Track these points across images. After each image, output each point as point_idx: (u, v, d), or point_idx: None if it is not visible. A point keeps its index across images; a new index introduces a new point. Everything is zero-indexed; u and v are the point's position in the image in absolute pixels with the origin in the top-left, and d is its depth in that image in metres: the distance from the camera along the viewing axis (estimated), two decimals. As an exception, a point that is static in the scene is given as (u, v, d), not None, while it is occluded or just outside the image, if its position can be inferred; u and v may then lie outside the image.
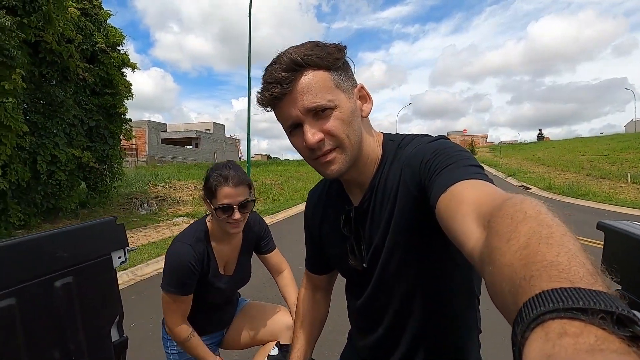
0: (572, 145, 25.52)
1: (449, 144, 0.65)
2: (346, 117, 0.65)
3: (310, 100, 0.62)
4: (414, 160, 0.65)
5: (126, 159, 15.37)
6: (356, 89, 0.69)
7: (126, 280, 4.68)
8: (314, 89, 0.62)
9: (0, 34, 5.75)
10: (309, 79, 0.62)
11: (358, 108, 0.68)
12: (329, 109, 0.63)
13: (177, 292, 1.22)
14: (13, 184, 7.08)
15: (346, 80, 0.66)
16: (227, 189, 1.19)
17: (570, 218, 7.95)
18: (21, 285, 0.90)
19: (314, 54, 0.62)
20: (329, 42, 0.67)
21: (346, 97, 0.65)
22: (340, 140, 0.65)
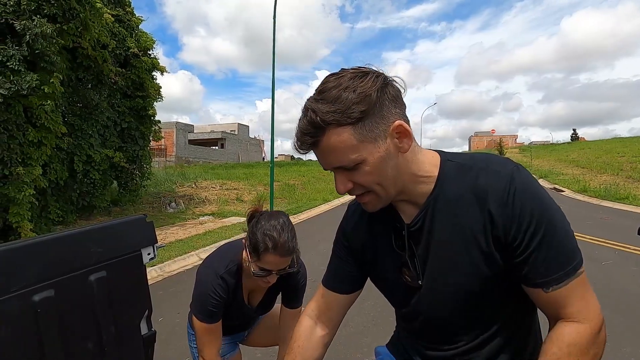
0: (609, 145, 24.14)
1: (550, 207, 0.64)
2: (374, 168, 0.64)
3: (333, 160, 0.64)
4: (501, 207, 0.63)
5: (155, 159, 15.92)
6: (392, 128, 0.63)
7: (154, 276, 4.84)
8: (336, 151, 0.62)
9: (42, 41, 6.11)
10: (331, 141, 0.61)
11: (394, 148, 0.65)
12: (355, 164, 0.63)
13: (207, 321, 1.24)
14: (52, 183, 7.50)
15: (377, 126, 0.62)
16: (273, 258, 1.12)
17: (608, 223, 7.44)
18: (59, 278, 0.94)
19: (336, 111, 0.59)
20: (368, 75, 0.62)
21: (375, 146, 0.62)
22: (371, 189, 0.67)
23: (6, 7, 5.94)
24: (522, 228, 0.62)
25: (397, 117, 0.64)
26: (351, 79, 0.61)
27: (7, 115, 5.98)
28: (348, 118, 0.60)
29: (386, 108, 0.63)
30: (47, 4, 6.24)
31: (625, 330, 2.99)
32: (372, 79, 0.62)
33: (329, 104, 0.60)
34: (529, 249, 0.62)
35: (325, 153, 0.64)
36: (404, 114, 0.66)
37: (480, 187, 0.65)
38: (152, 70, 10.42)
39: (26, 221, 6.19)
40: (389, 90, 0.63)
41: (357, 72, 0.63)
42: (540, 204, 0.63)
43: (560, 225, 0.63)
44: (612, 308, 3.40)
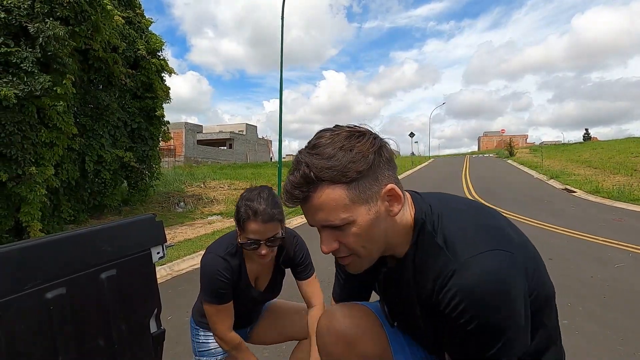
0: (623, 145, 23.64)
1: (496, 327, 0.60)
2: (363, 230, 0.63)
3: (322, 218, 0.62)
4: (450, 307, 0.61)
5: (164, 159, 16.09)
6: (384, 191, 0.63)
7: (164, 275, 4.89)
8: (327, 209, 0.61)
9: (54, 43, 6.22)
10: (322, 198, 0.60)
11: (385, 211, 0.64)
12: (345, 224, 0.62)
13: (217, 303, 1.25)
14: (64, 183, 7.63)
15: (370, 187, 0.61)
16: (255, 225, 1.15)
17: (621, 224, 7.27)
18: (71, 276, 0.96)
19: (332, 168, 0.58)
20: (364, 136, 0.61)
21: (366, 208, 0.62)
22: (356, 251, 0.66)
23: (20, 10, 6.07)
24: (452, 317, 0.61)
25: (390, 180, 0.63)
26: (347, 138, 0.60)
27: (21, 116, 6.11)
28: (343, 177, 0.58)
29: (380, 170, 0.62)
30: (60, 6, 6.35)
31: (639, 334, 2.92)
32: (369, 140, 0.61)
33: (325, 160, 0.58)
34: (460, 343, 0.63)
35: (314, 209, 0.62)
36: (396, 177, 0.65)
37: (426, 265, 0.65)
38: (161, 72, 10.54)
39: (36, 221, 6.30)
40: (384, 152, 0.63)
41: (353, 131, 0.61)
42: (480, 309, 0.59)
43: (497, 337, 0.60)
44: (625, 311, 3.33)
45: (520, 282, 0.62)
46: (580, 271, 4.53)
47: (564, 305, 3.51)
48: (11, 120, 5.94)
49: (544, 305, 0.70)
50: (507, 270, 0.60)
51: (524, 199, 11.30)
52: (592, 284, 4.07)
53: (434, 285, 0.63)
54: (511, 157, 29.15)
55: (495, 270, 0.59)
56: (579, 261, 4.94)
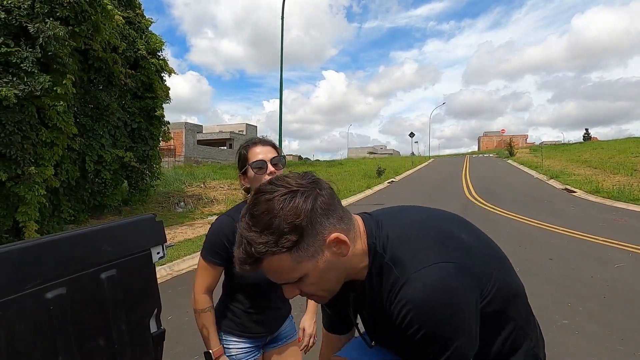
0: (623, 145, 23.62)
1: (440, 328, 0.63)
2: (317, 280, 0.67)
3: (277, 279, 0.67)
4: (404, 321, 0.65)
5: (164, 159, 16.09)
6: (328, 242, 0.64)
7: (164, 275, 4.89)
8: (276, 273, 0.65)
9: (54, 43, 6.22)
10: (269, 266, 0.64)
11: (334, 257, 0.66)
12: (299, 279, 0.66)
13: (208, 259, 1.29)
14: (64, 183, 7.64)
15: (313, 244, 0.63)
16: (257, 148, 1.29)
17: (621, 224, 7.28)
18: (71, 276, 0.96)
19: (269, 242, 0.60)
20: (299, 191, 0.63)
21: (314, 262, 0.65)
22: (316, 294, 0.71)
23: (20, 10, 6.07)
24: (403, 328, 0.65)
25: (332, 229, 0.65)
26: (281, 202, 0.61)
27: (21, 115, 6.11)
28: (282, 248, 0.61)
29: (319, 224, 0.63)
30: (60, 7, 6.36)
31: (639, 334, 2.92)
32: (302, 200, 0.62)
33: (261, 234, 0.61)
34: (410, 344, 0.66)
35: (268, 273, 0.66)
36: (339, 216, 0.67)
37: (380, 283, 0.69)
38: (161, 72, 10.55)
39: (32, 222, 6.29)
40: (319, 204, 0.63)
41: (287, 191, 0.62)
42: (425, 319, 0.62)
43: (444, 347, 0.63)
44: (625, 311, 3.33)
45: (468, 290, 0.65)
46: (580, 271, 4.53)
47: (564, 305, 3.51)
48: (11, 120, 5.94)
49: (509, 302, 0.73)
50: (454, 281, 0.64)
51: (524, 199, 11.30)
52: (592, 284, 4.07)
53: (387, 301, 0.68)
54: (511, 157, 29.15)
55: (441, 282, 0.63)
56: (579, 261, 4.94)
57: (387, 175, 19.76)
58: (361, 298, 0.78)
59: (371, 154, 55.83)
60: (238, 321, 1.38)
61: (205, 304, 1.32)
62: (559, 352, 2.66)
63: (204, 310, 1.32)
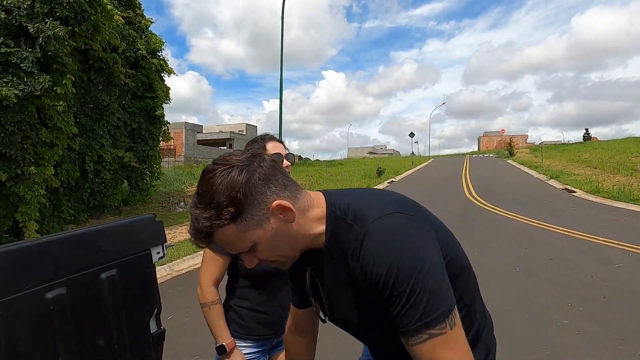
0: (623, 145, 23.62)
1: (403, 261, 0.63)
2: (268, 247, 0.70)
3: (232, 249, 0.70)
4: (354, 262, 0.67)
5: (164, 159, 16.09)
6: (272, 208, 0.67)
7: (164, 275, 4.89)
8: (228, 244, 0.68)
9: (54, 43, 6.22)
10: (220, 238, 0.67)
11: (281, 223, 0.69)
12: (251, 247, 0.69)
13: (215, 247, 1.25)
14: (64, 183, 7.64)
15: (256, 213, 0.66)
16: (272, 142, 1.36)
17: (621, 224, 7.28)
18: (71, 276, 0.96)
19: (212, 217, 0.64)
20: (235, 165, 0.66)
21: (261, 230, 0.68)
22: (273, 260, 0.74)
23: (20, 10, 6.07)
24: (376, 286, 0.65)
25: (274, 196, 0.68)
26: (219, 178, 0.65)
27: (21, 115, 6.11)
28: (224, 220, 0.64)
29: (259, 194, 0.66)
30: (60, 6, 6.35)
31: (639, 334, 2.93)
32: (236, 173, 0.65)
33: (205, 210, 0.65)
34: (387, 303, 0.64)
35: (223, 244, 0.69)
36: (282, 184, 0.70)
37: (344, 245, 0.70)
38: (161, 72, 10.55)
39: (32, 221, 6.29)
40: (258, 175, 0.67)
41: (225, 167, 0.66)
42: (386, 263, 0.63)
43: (412, 282, 0.62)
44: (625, 311, 3.33)
45: (427, 235, 0.68)
46: (580, 271, 4.52)
47: (564, 305, 3.51)
48: (11, 120, 5.94)
49: (458, 275, 0.75)
50: (413, 225, 0.67)
51: (524, 199, 11.29)
52: (592, 284, 4.07)
53: (352, 259, 0.69)
54: (511, 157, 29.15)
55: (401, 225, 0.66)
56: (579, 261, 4.94)
57: (387, 175, 19.76)
58: (321, 269, 0.79)
59: (371, 154, 55.83)
60: (242, 323, 1.37)
61: (213, 296, 1.30)
62: (559, 352, 2.66)
63: (213, 302, 1.29)
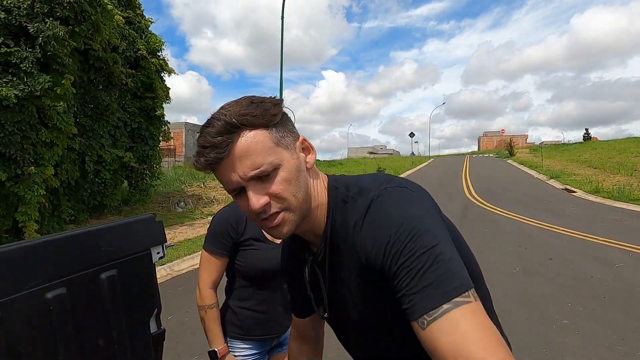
0: (623, 145, 23.63)
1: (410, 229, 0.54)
2: (292, 175, 0.61)
3: (250, 165, 0.58)
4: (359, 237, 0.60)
5: (164, 159, 16.09)
6: (298, 142, 0.64)
7: (164, 275, 4.89)
8: (254, 152, 0.58)
9: (54, 43, 6.22)
10: (247, 141, 0.57)
11: (302, 161, 0.64)
12: (273, 170, 0.59)
13: (212, 249, 1.28)
14: (64, 183, 7.63)
15: (287, 136, 0.62)
16: None
17: (621, 224, 7.30)
18: (71, 276, 0.96)
19: (249, 113, 0.57)
20: (265, 97, 0.63)
21: (289, 153, 0.61)
22: (288, 202, 0.61)
23: (20, 10, 6.07)
24: (379, 256, 0.55)
25: (299, 135, 0.66)
26: (252, 98, 0.61)
27: (21, 116, 6.11)
28: (263, 119, 0.58)
29: (290, 124, 0.64)
30: (60, 6, 6.35)
31: (639, 334, 2.93)
32: (270, 102, 0.61)
33: (242, 107, 0.58)
34: (394, 277, 0.53)
35: (241, 157, 0.58)
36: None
37: (346, 221, 0.63)
38: (161, 72, 10.54)
39: (32, 221, 6.29)
40: (286, 114, 0.65)
41: (254, 97, 0.62)
42: (395, 226, 0.54)
43: (425, 246, 0.52)
44: (625, 311, 3.33)
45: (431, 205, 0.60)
46: (580, 271, 4.52)
47: (564, 305, 3.51)
48: (11, 120, 5.94)
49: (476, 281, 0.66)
50: (424, 198, 0.60)
51: (524, 199, 11.30)
52: (592, 284, 4.07)
53: (354, 230, 0.61)
54: (511, 157, 29.15)
55: (411, 194, 0.59)
56: (579, 261, 4.94)
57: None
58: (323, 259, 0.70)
59: (371, 154, 55.83)
60: (241, 324, 1.37)
61: (210, 299, 1.30)
62: (559, 352, 2.66)
63: (210, 306, 1.30)
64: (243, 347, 1.38)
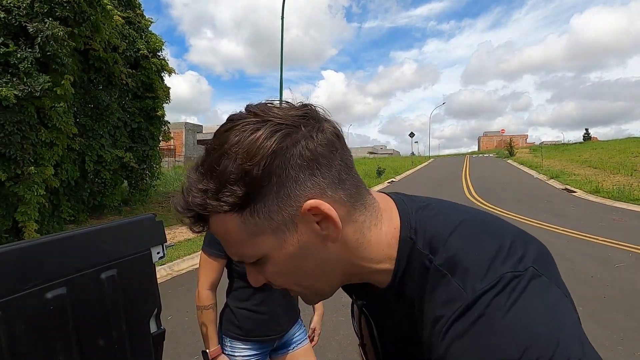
0: (623, 145, 23.64)
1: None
2: (283, 268, 0.45)
3: (231, 253, 0.46)
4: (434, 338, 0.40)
5: (165, 159, 16.08)
6: (305, 209, 0.41)
7: (164, 275, 4.89)
8: (229, 243, 0.44)
9: (53, 43, 6.22)
10: (218, 229, 0.43)
11: (315, 237, 0.43)
12: (258, 260, 0.45)
13: (210, 251, 1.31)
14: (64, 183, 7.63)
15: (277, 211, 0.41)
16: None
17: (621, 224, 7.29)
18: (71, 276, 0.96)
19: (208, 191, 0.40)
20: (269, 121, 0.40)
21: (277, 239, 0.42)
22: (292, 290, 0.48)
23: (20, 10, 6.07)
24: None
25: (315, 191, 0.41)
26: (240, 135, 0.40)
27: (21, 116, 6.10)
28: (223, 203, 0.40)
29: (292, 180, 0.40)
30: (59, 6, 6.35)
31: (639, 334, 2.93)
32: (267, 135, 0.39)
33: (204, 177, 0.41)
34: None
35: (218, 238, 0.45)
36: (335, 178, 0.42)
37: (421, 295, 0.43)
38: (161, 72, 10.54)
39: (32, 221, 6.28)
40: (301, 149, 0.40)
41: (257, 120, 0.41)
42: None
43: None
44: (625, 311, 3.33)
45: (571, 314, 0.39)
46: (580, 271, 4.52)
47: (564, 305, 3.51)
48: (10, 120, 5.94)
49: None
50: (553, 302, 0.38)
51: (524, 198, 11.30)
52: (592, 284, 4.07)
53: (432, 326, 0.41)
54: (511, 157, 29.16)
55: (537, 305, 0.37)
56: (579, 261, 4.94)
57: (387, 175, 19.77)
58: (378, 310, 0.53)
59: (371, 154, 55.82)
60: (240, 324, 1.38)
61: (208, 300, 1.33)
62: (559, 352, 2.66)
63: (206, 307, 1.32)
64: (243, 347, 1.39)
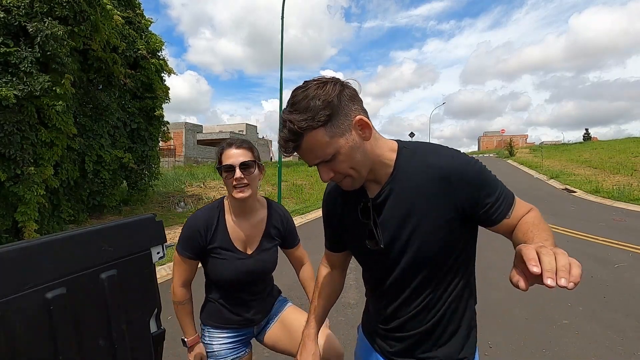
0: (623, 145, 23.63)
1: (482, 173, 0.84)
2: (348, 157, 0.79)
3: (314, 157, 0.79)
4: (457, 178, 0.81)
5: (164, 159, 16.08)
6: (355, 122, 0.78)
7: (163, 275, 4.88)
8: (314, 149, 0.78)
9: (53, 43, 6.21)
10: (309, 141, 0.76)
11: (358, 138, 0.80)
12: (332, 156, 0.78)
13: (181, 252, 1.34)
14: (64, 183, 7.62)
15: (342, 123, 0.77)
16: (229, 151, 1.32)
17: (621, 224, 7.26)
18: (71, 275, 0.96)
19: (307, 118, 0.74)
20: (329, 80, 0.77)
21: (344, 139, 0.78)
22: (348, 174, 0.83)
23: (19, 10, 6.06)
24: (480, 196, 0.83)
25: (357, 113, 0.79)
26: (315, 89, 0.75)
27: (20, 116, 6.10)
28: (318, 122, 0.74)
29: (346, 107, 0.77)
30: (59, 6, 6.34)
31: (639, 334, 2.92)
32: (331, 86, 0.76)
33: (301, 113, 0.74)
34: (491, 206, 0.83)
35: (307, 152, 0.79)
36: (362, 108, 0.81)
37: (438, 166, 0.82)
38: (161, 72, 10.53)
39: (32, 221, 6.27)
40: (346, 92, 0.78)
41: (319, 82, 0.77)
42: (472, 160, 0.84)
43: (495, 181, 0.86)
44: (625, 311, 3.33)
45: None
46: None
47: (564, 305, 3.51)
48: (10, 120, 5.93)
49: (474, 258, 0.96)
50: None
51: (524, 198, 11.24)
52: (592, 284, 4.07)
53: (424, 171, 0.83)
54: (511, 157, 29.16)
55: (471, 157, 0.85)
56: (579, 261, 4.94)
57: (387, 175, 19.71)
58: (382, 199, 0.87)
59: (371, 154, 55.66)
60: (219, 315, 1.44)
61: (182, 296, 1.40)
62: (558, 352, 2.66)
63: (181, 302, 1.41)
64: (220, 335, 1.45)
